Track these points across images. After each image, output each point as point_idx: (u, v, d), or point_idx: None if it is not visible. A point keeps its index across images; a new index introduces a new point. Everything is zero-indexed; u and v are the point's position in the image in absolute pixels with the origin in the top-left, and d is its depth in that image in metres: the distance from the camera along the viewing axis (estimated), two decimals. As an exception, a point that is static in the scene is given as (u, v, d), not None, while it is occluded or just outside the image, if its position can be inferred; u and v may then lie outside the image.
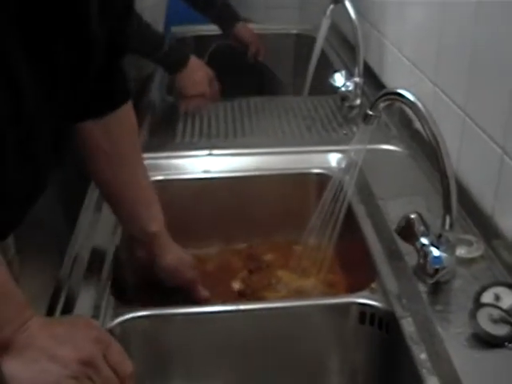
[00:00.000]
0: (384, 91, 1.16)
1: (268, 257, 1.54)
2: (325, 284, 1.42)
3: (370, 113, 1.16)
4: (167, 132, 1.76)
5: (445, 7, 1.43)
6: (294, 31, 2.79)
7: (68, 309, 1.13)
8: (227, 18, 2.41)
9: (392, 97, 1.13)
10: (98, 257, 1.29)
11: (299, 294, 1.41)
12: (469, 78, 1.31)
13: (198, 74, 1.98)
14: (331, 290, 1.42)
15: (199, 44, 2.68)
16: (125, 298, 1.22)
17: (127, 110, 1.25)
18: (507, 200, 1.17)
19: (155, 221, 1.29)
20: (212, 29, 2.51)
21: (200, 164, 1.59)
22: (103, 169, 1.24)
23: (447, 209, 1.07)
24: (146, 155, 1.56)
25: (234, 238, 1.58)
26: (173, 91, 2.06)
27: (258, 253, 1.55)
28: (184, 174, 1.56)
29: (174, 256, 1.32)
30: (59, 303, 1.14)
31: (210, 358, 1.20)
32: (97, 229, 1.38)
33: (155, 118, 1.88)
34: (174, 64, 1.97)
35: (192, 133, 1.76)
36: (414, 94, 1.09)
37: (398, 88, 1.14)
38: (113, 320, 1.13)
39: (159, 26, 2.13)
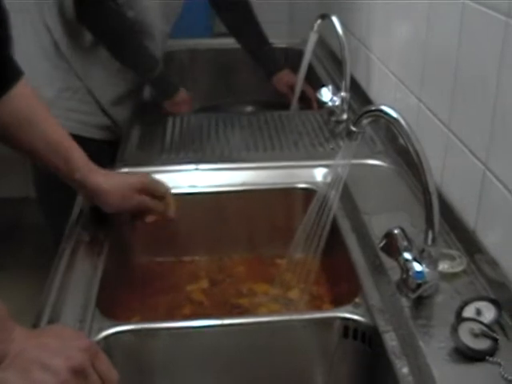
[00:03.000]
0: (367, 108, 1.17)
1: (238, 270, 1.55)
2: (309, 295, 1.43)
3: (354, 129, 1.17)
4: (154, 146, 1.77)
5: (429, 23, 1.44)
6: (283, 45, 2.80)
7: (53, 322, 1.13)
8: (271, 63, 2.38)
9: (375, 113, 1.14)
10: (84, 270, 1.29)
11: (282, 304, 1.42)
12: (452, 94, 1.32)
13: (183, 107, 2.04)
14: (316, 301, 1.43)
15: (193, 58, 2.69)
16: (110, 311, 1.23)
17: (22, 85, 1.31)
18: (489, 215, 1.18)
19: (79, 160, 1.36)
20: (206, 43, 2.54)
21: (186, 179, 1.59)
22: (18, 140, 1.32)
23: (429, 224, 1.08)
24: (133, 169, 1.58)
25: (219, 252, 1.59)
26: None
27: (229, 265, 1.57)
28: (170, 188, 1.57)
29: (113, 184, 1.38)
30: (44, 317, 1.14)
31: (194, 372, 1.20)
32: (82, 242, 1.38)
33: (142, 133, 1.89)
34: (163, 92, 2.03)
35: (179, 147, 1.76)
36: (397, 110, 1.10)
37: (382, 104, 1.15)
38: (97, 334, 1.13)
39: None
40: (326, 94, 1.91)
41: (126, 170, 1.60)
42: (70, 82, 1.96)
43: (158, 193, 1.42)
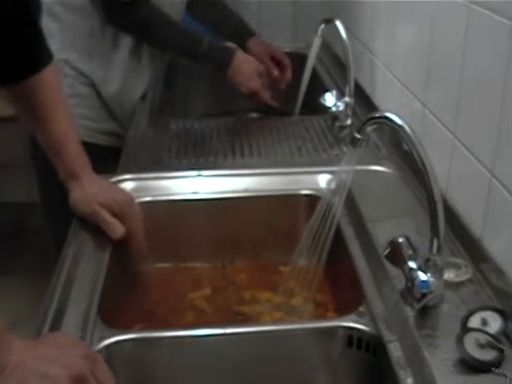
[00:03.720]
0: (371, 115, 1.15)
1: (241, 277, 1.54)
2: (313, 303, 1.42)
3: (358, 136, 1.16)
4: (156, 152, 1.76)
5: (434, 28, 1.43)
6: (287, 49, 2.79)
7: (54, 330, 1.12)
8: (241, 34, 2.29)
9: (379, 120, 1.13)
10: (85, 277, 1.28)
11: (285, 312, 1.41)
12: (458, 100, 1.31)
13: (246, 68, 1.99)
14: (319, 309, 1.42)
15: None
16: (112, 319, 1.22)
17: (50, 71, 1.36)
18: (495, 223, 1.17)
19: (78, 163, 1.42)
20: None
21: (189, 185, 1.58)
22: (33, 123, 1.40)
23: (435, 232, 1.06)
24: (134, 176, 1.57)
25: (221, 259, 1.58)
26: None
27: (231, 272, 1.55)
28: (173, 195, 1.56)
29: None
30: (45, 326, 1.13)
31: (197, 381, 1.19)
32: (85, 249, 1.37)
33: (144, 138, 1.88)
34: (219, 61, 1.98)
35: (181, 153, 1.75)
36: (402, 117, 1.08)
37: (386, 110, 1.14)
38: (99, 343, 1.12)
39: None
40: (329, 99, 1.90)
41: (128, 176, 1.59)
42: (77, 88, 1.96)
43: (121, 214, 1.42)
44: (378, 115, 1.14)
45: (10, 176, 3.56)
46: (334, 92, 1.92)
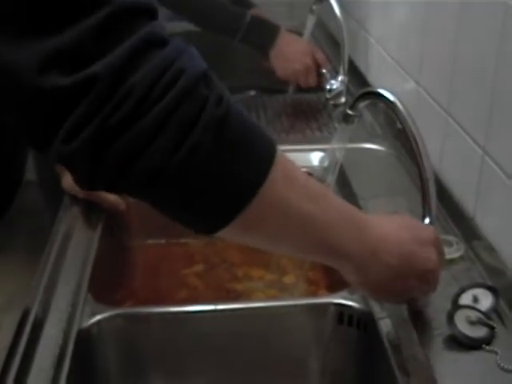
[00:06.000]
0: (363, 90, 1.15)
1: (234, 254, 1.53)
2: (305, 281, 1.42)
3: (350, 112, 1.15)
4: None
5: (428, 7, 1.42)
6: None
7: (44, 307, 1.12)
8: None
9: (371, 96, 1.12)
10: (76, 254, 1.28)
11: (278, 289, 1.41)
12: (451, 78, 1.30)
13: (289, 49, 1.88)
14: (311, 287, 1.41)
15: (192, 40, 2.65)
16: (103, 295, 1.22)
17: None
18: (488, 201, 1.17)
19: None
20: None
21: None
22: None
23: (426, 210, 1.06)
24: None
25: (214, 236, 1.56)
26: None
27: (224, 249, 1.55)
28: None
29: None
30: (36, 301, 1.13)
31: (188, 358, 1.19)
32: (76, 226, 1.37)
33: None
34: (259, 41, 1.86)
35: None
36: (395, 94, 1.08)
37: (379, 87, 1.13)
38: (90, 319, 1.12)
39: None
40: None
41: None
42: None
43: None
44: (370, 91, 1.14)
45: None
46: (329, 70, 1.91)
